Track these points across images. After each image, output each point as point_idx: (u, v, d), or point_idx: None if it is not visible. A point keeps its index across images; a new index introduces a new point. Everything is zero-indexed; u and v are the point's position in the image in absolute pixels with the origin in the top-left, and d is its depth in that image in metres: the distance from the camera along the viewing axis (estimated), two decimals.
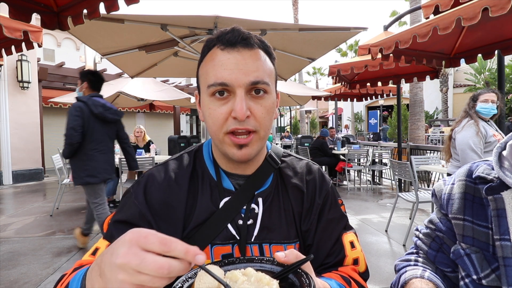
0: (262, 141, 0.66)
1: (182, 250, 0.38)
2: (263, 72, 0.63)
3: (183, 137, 8.20)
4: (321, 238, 0.71)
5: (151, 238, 0.38)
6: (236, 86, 0.60)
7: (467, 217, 0.70)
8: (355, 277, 0.68)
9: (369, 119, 20.70)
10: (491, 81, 16.70)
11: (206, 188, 0.70)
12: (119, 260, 0.37)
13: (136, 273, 0.37)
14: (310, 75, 35.50)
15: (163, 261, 0.37)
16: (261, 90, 0.63)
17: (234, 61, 0.61)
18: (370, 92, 7.76)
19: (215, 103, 0.62)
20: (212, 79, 0.62)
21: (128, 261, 0.37)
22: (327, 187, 0.76)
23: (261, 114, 0.63)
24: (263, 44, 0.67)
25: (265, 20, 3.14)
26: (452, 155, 2.95)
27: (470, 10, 2.36)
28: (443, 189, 0.78)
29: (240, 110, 0.59)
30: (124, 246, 0.38)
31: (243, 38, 0.63)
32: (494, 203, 0.65)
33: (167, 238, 0.38)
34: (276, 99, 0.69)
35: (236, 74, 0.60)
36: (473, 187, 0.71)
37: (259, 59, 0.63)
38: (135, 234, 0.39)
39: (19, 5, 2.20)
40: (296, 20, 18.62)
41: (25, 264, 3.04)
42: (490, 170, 0.70)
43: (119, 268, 0.37)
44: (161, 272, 0.37)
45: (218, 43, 0.64)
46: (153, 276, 0.37)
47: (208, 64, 0.64)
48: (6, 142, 7.73)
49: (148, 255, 0.37)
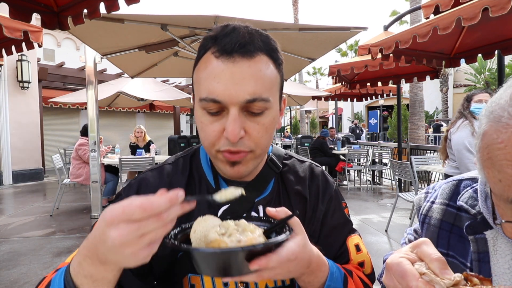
0: (258, 159, 0.62)
1: (165, 202, 0.39)
2: (262, 86, 0.55)
3: (183, 137, 8.20)
4: (325, 244, 0.68)
5: (131, 209, 0.38)
6: (230, 104, 0.54)
7: (441, 249, 0.61)
8: (359, 274, 0.66)
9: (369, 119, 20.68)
10: (491, 81, 16.70)
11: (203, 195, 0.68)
12: (117, 242, 0.38)
13: (140, 239, 0.39)
14: (310, 75, 35.51)
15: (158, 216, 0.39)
16: (259, 109, 0.56)
17: (229, 73, 0.53)
18: (370, 92, 7.76)
19: (207, 118, 0.57)
20: (204, 93, 0.55)
21: (126, 235, 0.38)
22: (330, 192, 0.73)
23: (257, 134, 0.57)
24: (268, 47, 0.58)
25: (265, 20, 3.14)
26: (449, 155, 2.96)
27: (470, 10, 2.36)
28: (422, 205, 0.70)
29: (232, 132, 0.53)
30: (111, 229, 0.38)
31: (241, 45, 0.54)
32: (475, 244, 0.56)
33: (145, 201, 0.38)
34: (278, 111, 0.62)
35: (230, 90, 0.53)
36: (454, 215, 0.62)
37: (259, 71, 0.55)
38: (112, 213, 0.38)
39: (19, 5, 2.19)
40: (296, 20, 18.61)
41: (25, 264, 3.04)
42: (475, 200, 0.59)
43: (123, 246, 0.38)
44: (160, 222, 0.39)
45: (213, 47, 0.56)
46: (156, 229, 0.39)
47: (202, 72, 0.57)
48: (6, 142, 7.73)
49: (142, 221, 0.38)
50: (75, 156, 4.97)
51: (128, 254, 0.39)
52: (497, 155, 0.42)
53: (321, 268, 0.55)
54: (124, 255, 0.39)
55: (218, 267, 0.44)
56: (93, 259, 0.43)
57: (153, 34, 3.23)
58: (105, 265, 0.43)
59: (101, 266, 0.43)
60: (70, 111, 10.81)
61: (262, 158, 0.66)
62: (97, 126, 4.43)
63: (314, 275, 0.55)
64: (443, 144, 3.00)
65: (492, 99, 0.46)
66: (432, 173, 6.14)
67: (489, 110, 0.45)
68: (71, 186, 7.08)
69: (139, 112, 13.18)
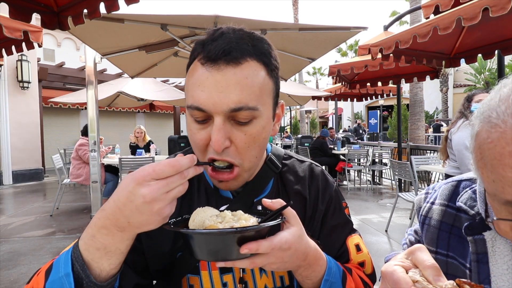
0: (249, 172, 0.60)
1: (187, 161, 0.45)
2: (249, 94, 0.53)
3: (183, 137, 8.19)
4: (325, 244, 0.68)
5: (161, 168, 0.43)
6: (214, 112, 0.52)
7: (441, 250, 0.62)
8: (359, 273, 0.65)
9: (369, 119, 20.68)
10: (491, 81, 16.70)
11: (202, 195, 0.68)
12: (148, 198, 0.42)
13: (168, 194, 0.43)
14: (310, 75, 35.52)
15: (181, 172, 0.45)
16: (245, 118, 0.54)
17: (213, 81, 0.52)
18: (370, 92, 7.76)
19: (195, 126, 0.56)
20: (190, 100, 0.55)
21: (157, 190, 0.42)
22: (330, 191, 0.72)
23: (243, 144, 0.55)
24: (259, 51, 0.56)
25: (265, 20, 3.14)
26: (449, 155, 2.96)
27: (471, 10, 2.36)
28: (422, 206, 0.69)
29: (216, 142, 0.52)
30: (142, 187, 0.42)
31: (225, 52, 0.52)
32: (474, 245, 0.55)
33: (172, 160, 0.44)
34: (271, 119, 0.60)
35: (215, 98, 0.52)
36: (453, 215, 0.62)
37: (245, 78, 0.53)
38: (144, 172, 0.43)
39: (19, 5, 2.19)
40: (296, 20, 18.60)
41: (25, 264, 3.04)
42: (474, 200, 0.58)
43: (152, 202, 0.42)
44: (183, 178, 0.45)
45: (201, 53, 0.55)
46: (177, 188, 0.45)
47: (189, 80, 0.56)
48: (6, 142, 7.73)
49: (170, 177, 0.44)
50: (75, 156, 4.97)
51: (155, 210, 0.43)
52: (488, 155, 0.43)
53: (318, 261, 0.55)
54: (152, 213, 0.43)
55: (209, 249, 0.46)
56: (110, 228, 0.45)
57: (153, 34, 3.23)
58: (123, 231, 0.45)
59: (119, 233, 0.45)
60: (70, 111, 10.81)
61: (255, 169, 0.65)
62: (97, 126, 4.43)
63: (311, 269, 0.54)
64: (443, 144, 3.00)
65: (484, 100, 0.47)
66: (432, 173, 6.14)
67: (480, 111, 0.46)
68: (71, 186, 7.08)
69: (139, 112, 13.18)
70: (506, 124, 0.41)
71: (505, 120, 0.41)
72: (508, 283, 0.52)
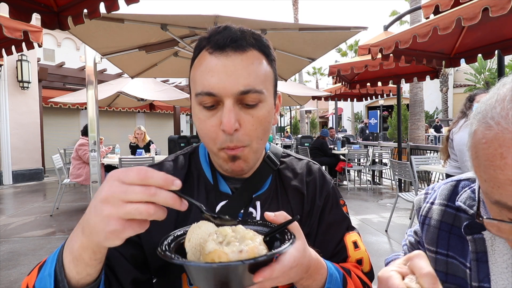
0: (256, 154, 0.63)
1: (159, 178, 0.39)
2: (256, 78, 0.57)
3: (183, 137, 8.19)
4: (323, 241, 0.69)
5: (128, 171, 0.39)
6: (224, 96, 0.55)
7: (441, 249, 0.62)
8: (357, 273, 0.66)
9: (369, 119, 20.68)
10: (491, 81, 16.70)
11: (201, 191, 0.68)
12: (103, 194, 0.39)
13: (123, 204, 0.38)
14: (310, 75, 35.51)
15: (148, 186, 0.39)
16: (253, 100, 0.57)
17: (222, 67, 0.56)
18: (370, 92, 7.76)
19: (204, 114, 0.58)
20: (199, 87, 0.57)
21: (113, 192, 0.38)
22: (328, 188, 0.73)
23: (251, 126, 0.58)
24: (260, 43, 0.61)
25: (265, 20, 3.14)
26: (450, 155, 2.96)
27: (470, 10, 2.36)
28: (421, 206, 0.70)
29: (228, 123, 0.55)
30: (106, 183, 0.40)
31: (232, 40, 0.56)
32: (473, 244, 0.55)
33: (142, 168, 0.40)
34: (273, 105, 0.64)
35: (224, 82, 0.55)
36: (453, 215, 0.62)
37: (251, 64, 0.57)
38: (114, 173, 0.40)
39: (19, 5, 2.19)
40: (296, 20, 18.60)
41: (25, 264, 3.04)
42: (473, 200, 0.58)
43: (104, 202, 0.38)
44: (148, 193, 0.38)
45: (207, 45, 0.58)
46: (138, 204, 0.38)
47: (197, 70, 0.59)
48: (6, 142, 7.73)
49: (132, 185, 0.38)
50: (75, 156, 4.97)
51: (105, 215, 0.38)
52: (481, 155, 0.43)
53: (319, 271, 0.55)
54: (102, 217, 0.38)
55: (217, 282, 0.40)
56: (78, 228, 0.44)
57: (153, 34, 3.23)
58: (83, 234, 0.42)
59: (80, 235, 0.43)
60: (70, 111, 10.81)
61: (260, 153, 0.67)
62: (97, 126, 4.42)
63: (312, 279, 0.55)
64: (444, 144, 3.00)
65: (482, 100, 0.47)
66: (432, 173, 6.14)
67: (477, 111, 0.46)
68: (71, 186, 7.08)
69: (139, 112, 13.18)
70: (500, 126, 0.41)
71: (499, 122, 0.41)
72: (508, 281, 0.52)
